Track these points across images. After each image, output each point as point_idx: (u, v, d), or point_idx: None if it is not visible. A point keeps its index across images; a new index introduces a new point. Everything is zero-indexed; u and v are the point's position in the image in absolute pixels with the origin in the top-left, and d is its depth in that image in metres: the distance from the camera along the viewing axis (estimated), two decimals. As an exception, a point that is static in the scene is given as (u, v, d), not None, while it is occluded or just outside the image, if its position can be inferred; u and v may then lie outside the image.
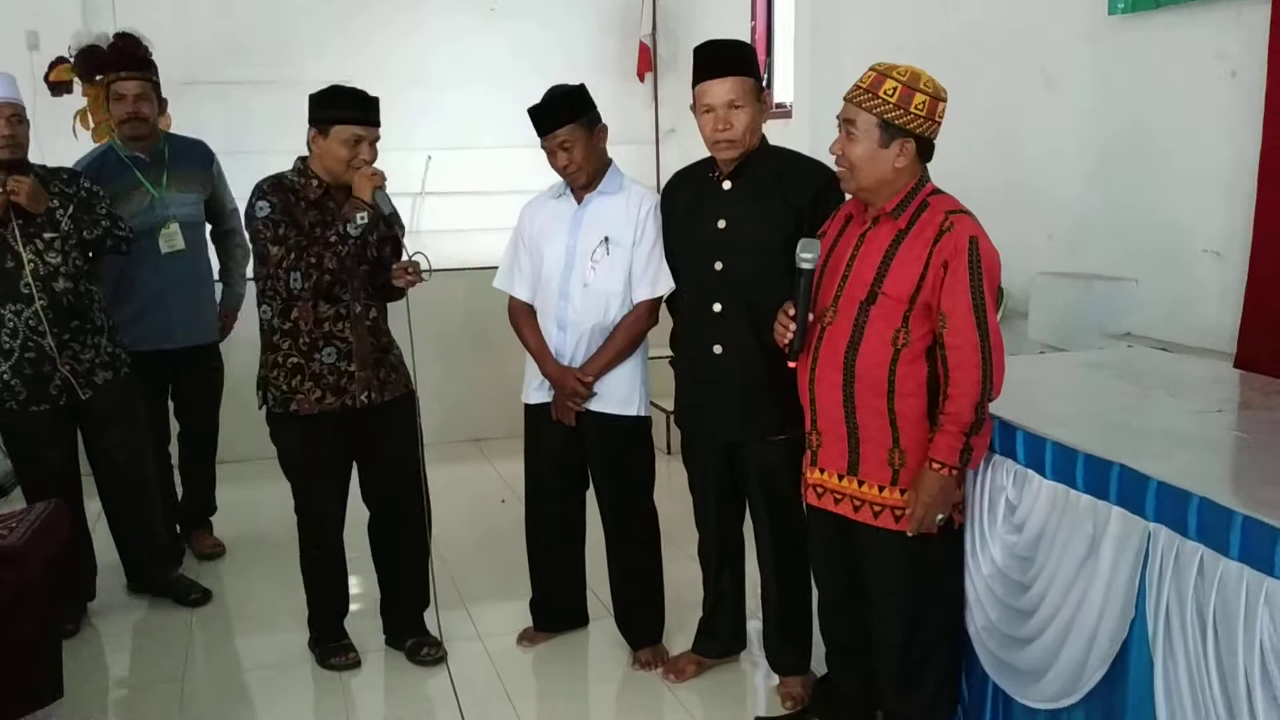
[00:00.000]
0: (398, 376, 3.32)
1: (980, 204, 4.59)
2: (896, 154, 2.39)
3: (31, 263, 3.38)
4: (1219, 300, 3.54)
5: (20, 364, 3.42)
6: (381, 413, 3.27)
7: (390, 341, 3.34)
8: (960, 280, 2.32)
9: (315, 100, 3.11)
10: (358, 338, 3.20)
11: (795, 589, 3.07)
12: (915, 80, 2.38)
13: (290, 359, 3.16)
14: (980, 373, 2.33)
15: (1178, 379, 2.96)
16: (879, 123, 2.39)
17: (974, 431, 2.36)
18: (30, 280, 3.38)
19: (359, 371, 3.20)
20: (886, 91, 2.37)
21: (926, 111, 2.37)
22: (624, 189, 3.19)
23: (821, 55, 5.90)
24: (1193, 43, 3.67)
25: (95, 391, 3.54)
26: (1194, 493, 1.95)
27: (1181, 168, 3.76)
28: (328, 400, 3.18)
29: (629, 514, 3.34)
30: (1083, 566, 2.20)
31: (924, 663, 2.57)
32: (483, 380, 5.42)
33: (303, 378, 3.16)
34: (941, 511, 2.41)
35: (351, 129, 3.08)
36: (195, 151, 4.13)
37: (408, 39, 7.47)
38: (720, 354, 2.93)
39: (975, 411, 2.34)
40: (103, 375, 3.56)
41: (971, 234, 2.35)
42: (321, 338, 3.15)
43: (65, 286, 3.44)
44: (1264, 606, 1.78)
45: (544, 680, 3.41)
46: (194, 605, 3.86)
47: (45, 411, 3.49)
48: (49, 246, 3.42)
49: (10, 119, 3.39)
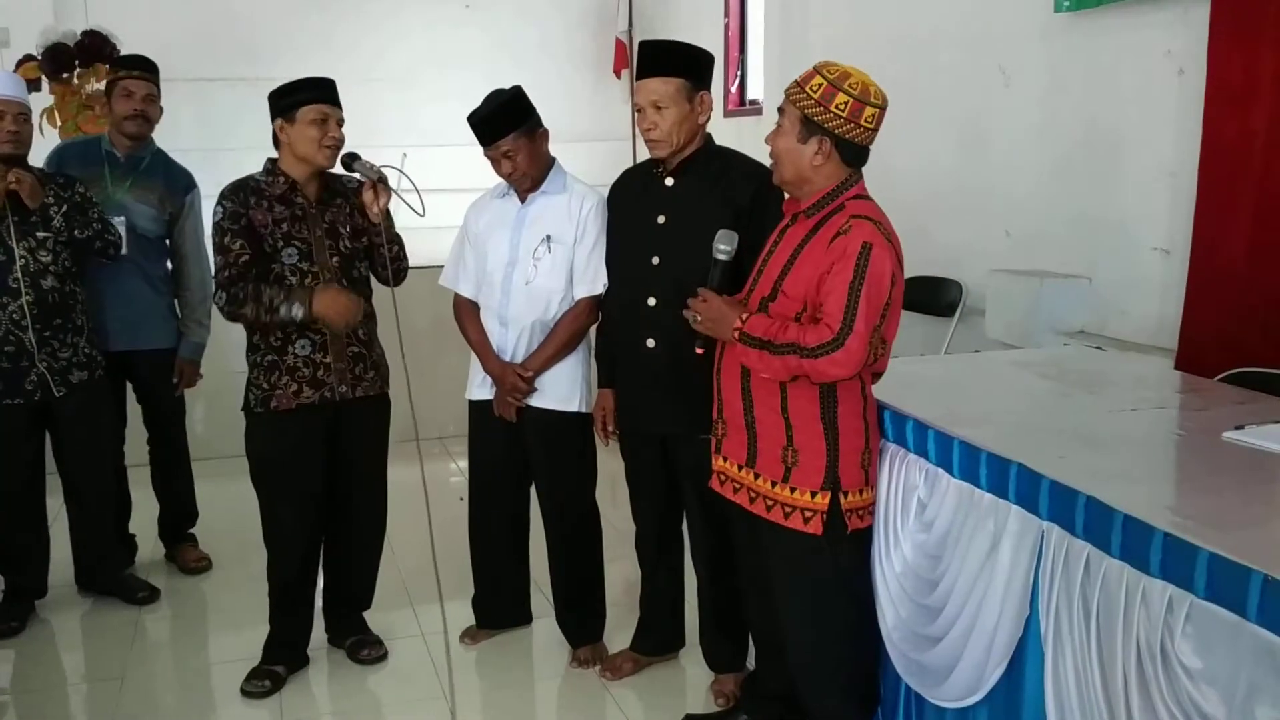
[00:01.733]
0: (376, 375, 3.31)
1: (942, 201, 4.68)
2: (815, 151, 2.38)
3: (23, 258, 3.44)
4: (1167, 298, 3.54)
5: (2, 369, 3.47)
6: (356, 410, 3.26)
7: (372, 339, 3.32)
8: (841, 280, 2.28)
9: (275, 94, 3.13)
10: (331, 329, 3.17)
11: (730, 585, 3.07)
12: (843, 80, 2.36)
13: (267, 356, 3.16)
14: (820, 344, 2.27)
15: (1104, 378, 2.97)
16: (800, 117, 2.39)
17: (764, 348, 2.34)
18: (20, 275, 3.44)
19: (335, 363, 3.18)
20: (812, 88, 2.37)
21: (849, 113, 2.35)
22: (567, 188, 3.22)
23: (790, 53, 5.90)
24: (1141, 41, 3.67)
25: (69, 390, 3.57)
26: (1081, 491, 1.96)
27: (1132, 165, 3.76)
28: (305, 394, 3.15)
29: (569, 511, 3.35)
30: (984, 565, 2.21)
31: (833, 662, 2.57)
32: (450, 376, 5.41)
33: (279, 373, 3.15)
34: (704, 330, 2.49)
35: (315, 107, 3.09)
36: (175, 173, 4.08)
37: (381, 33, 7.49)
38: (653, 348, 2.94)
39: (790, 349, 2.29)
40: (78, 375, 3.60)
41: (866, 239, 2.30)
42: (295, 330, 3.13)
43: (52, 285, 3.49)
44: (1140, 604, 1.79)
45: (484, 678, 3.42)
46: (141, 604, 3.87)
47: (19, 406, 3.53)
48: (41, 245, 3.48)
49: (16, 117, 3.46)
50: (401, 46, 7.52)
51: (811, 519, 2.43)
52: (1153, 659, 1.76)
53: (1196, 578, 1.70)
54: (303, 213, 3.15)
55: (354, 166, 3.11)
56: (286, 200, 3.14)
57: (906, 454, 2.50)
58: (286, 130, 3.12)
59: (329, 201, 3.21)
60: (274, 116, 3.15)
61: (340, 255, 3.18)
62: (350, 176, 3.23)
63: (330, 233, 3.18)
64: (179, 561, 4.23)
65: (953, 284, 4.57)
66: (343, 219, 3.22)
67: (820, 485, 2.43)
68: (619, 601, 3.55)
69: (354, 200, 3.23)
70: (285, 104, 3.11)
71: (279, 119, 3.13)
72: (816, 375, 2.32)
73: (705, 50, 2.98)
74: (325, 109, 3.12)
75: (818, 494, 2.43)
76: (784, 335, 2.32)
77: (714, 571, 3.09)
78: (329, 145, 3.11)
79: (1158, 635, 1.75)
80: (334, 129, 3.13)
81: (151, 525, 4.30)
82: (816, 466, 2.43)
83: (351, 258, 3.22)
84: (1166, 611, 1.74)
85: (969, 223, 4.61)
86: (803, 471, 2.43)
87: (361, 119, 6.72)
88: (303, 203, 3.16)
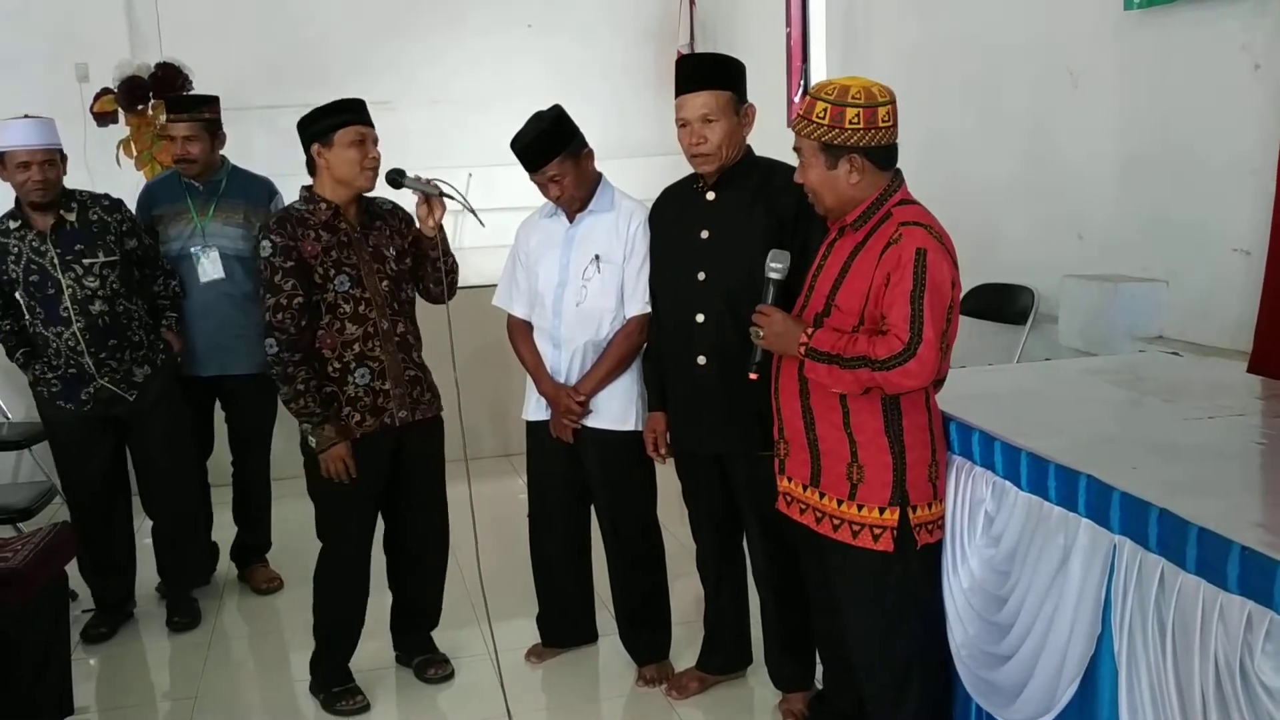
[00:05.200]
0: (432, 397, 3.31)
1: (1012, 206, 4.58)
2: (847, 171, 2.34)
3: (70, 288, 3.56)
4: (1249, 300, 3.41)
5: (65, 377, 3.63)
6: (415, 433, 3.26)
7: (422, 360, 3.31)
8: (902, 290, 2.24)
9: (307, 120, 3.12)
10: (389, 355, 3.16)
11: (793, 604, 3.01)
12: (844, 95, 2.31)
13: (325, 389, 3.11)
14: (891, 355, 2.22)
15: (1180, 384, 2.86)
16: (819, 146, 2.35)
17: (834, 362, 2.29)
18: (69, 304, 3.56)
19: (394, 389, 3.17)
20: (818, 115, 2.34)
21: (864, 123, 2.30)
22: (615, 206, 3.21)
23: (853, 61, 5.85)
24: (1215, 36, 3.55)
25: (138, 390, 3.71)
26: (1154, 504, 1.88)
27: (1209, 164, 3.64)
28: (367, 422, 3.14)
29: (629, 530, 3.33)
30: (1054, 580, 2.13)
31: (903, 682, 2.50)
32: (511, 393, 5.44)
33: (340, 404, 3.12)
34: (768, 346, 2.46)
35: (354, 129, 3.08)
36: (253, 186, 4.19)
37: (447, 58, 7.57)
38: (704, 365, 2.91)
39: (861, 362, 2.25)
40: (141, 372, 3.72)
41: (919, 246, 2.25)
42: (353, 360, 3.12)
43: (101, 309, 3.60)
44: (1218, 621, 1.71)
45: (550, 696, 3.40)
46: (175, 629, 3.92)
47: (91, 419, 3.68)
48: (87, 271, 3.59)
49: (43, 165, 3.53)
50: (466, 68, 7.60)
51: (881, 536, 2.38)
52: (1232, 678, 1.68)
53: (1277, 593, 1.62)
54: (348, 239, 3.13)
55: (403, 183, 3.09)
56: (331, 227, 3.11)
57: (973, 467, 2.43)
58: (324, 155, 3.08)
59: (370, 225, 3.20)
60: (308, 142, 3.11)
61: (389, 279, 3.18)
62: (385, 199, 3.23)
63: (376, 256, 3.17)
64: (251, 582, 4.30)
65: (1024, 290, 4.46)
66: (385, 242, 3.20)
67: (888, 501, 2.37)
68: (686, 619, 3.51)
69: (393, 223, 3.23)
70: (320, 128, 3.08)
71: (315, 144, 3.09)
72: (890, 387, 2.27)
73: (740, 61, 2.96)
74: (362, 130, 3.09)
75: (886, 510, 2.37)
76: (853, 349, 2.28)
77: (777, 591, 3.04)
78: (369, 167, 3.09)
79: (1236, 653, 1.67)
80: (372, 149, 3.11)
81: (228, 545, 4.38)
82: (883, 481, 2.37)
83: (399, 280, 3.22)
84: (1245, 629, 1.66)
85: (1040, 227, 4.50)
86: (869, 487, 2.37)
87: (428, 141, 6.84)
88: (346, 228, 3.14)
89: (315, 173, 3.15)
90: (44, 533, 2.99)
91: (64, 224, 3.59)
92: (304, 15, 7.38)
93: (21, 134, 3.53)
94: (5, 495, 4.28)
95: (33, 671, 2.86)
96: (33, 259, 3.56)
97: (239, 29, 7.20)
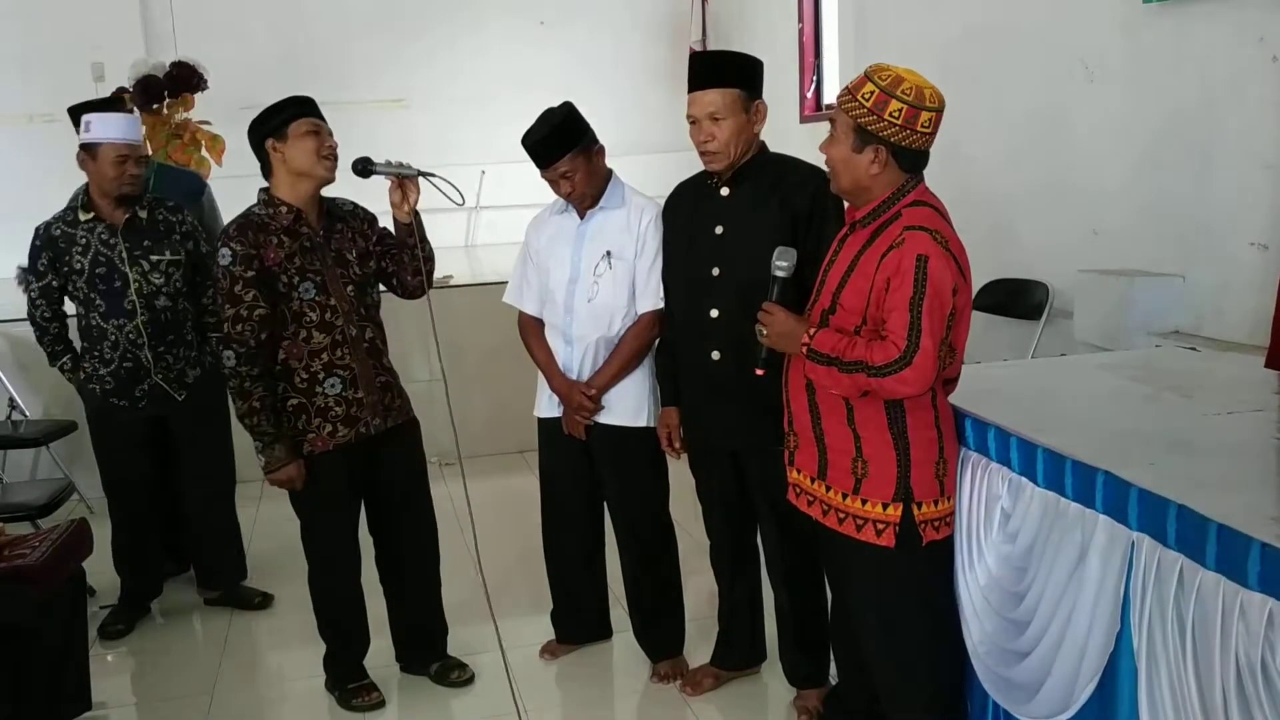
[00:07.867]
0: (403, 402, 3.27)
1: (1026, 201, 4.56)
2: (870, 160, 2.31)
3: (137, 282, 3.64)
4: (1266, 295, 3.38)
5: (119, 373, 3.68)
6: (390, 440, 3.21)
7: (391, 365, 3.26)
8: (901, 296, 2.21)
9: (258, 121, 3.03)
10: (359, 362, 3.10)
11: (807, 599, 3.02)
12: (895, 86, 2.26)
13: (290, 400, 3.06)
14: (887, 363, 2.20)
15: (1198, 380, 2.84)
16: (854, 126, 2.32)
17: (832, 364, 2.28)
18: (134, 298, 3.64)
19: (367, 397, 3.12)
20: (864, 95, 2.29)
21: (903, 120, 2.26)
22: (625, 202, 3.20)
23: (866, 56, 5.79)
24: (1232, 28, 3.54)
25: (188, 391, 3.78)
26: (1172, 500, 1.87)
27: (1226, 158, 3.62)
28: (340, 433, 3.09)
29: (642, 526, 3.33)
30: (1072, 577, 2.12)
31: (915, 676, 2.49)
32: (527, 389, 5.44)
33: (309, 415, 3.06)
34: (771, 344, 2.45)
35: (307, 119, 3.01)
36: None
37: (458, 53, 7.60)
38: (718, 360, 2.90)
39: (859, 367, 2.23)
40: (192, 374, 3.79)
41: (921, 252, 2.21)
42: (321, 369, 3.05)
43: (165, 305, 3.70)
44: (1239, 617, 1.70)
45: (564, 692, 3.41)
46: (259, 608, 4.03)
47: (140, 416, 3.74)
48: (154, 268, 3.68)
49: (138, 160, 3.65)
50: (478, 66, 7.61)
51: (884, 531, 2.37)
52: (1253, 676, 1.67)
53: (1298, 590, 1.61)
54: (311, 243, 3.05)
55: (373, 170, 3.00)
56: (293, 232, 3.03)
57: (989, 463, 2.41)
58: (280, 149, 3.00)
59: (331, 228, 3.13)
60: (259, 141, 3.02)
61: (353, 283, 3.11)
62: (345, 200, 3.20)
63: (339, 260, 3.10)
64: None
65: (1039, 285, 4.44)
66: (347, 245, 3.14)
67: (892, 497, 2.36)
68: (700, 615, 3.50)
69: (354, 224, 3.18)
70: (274, 124, 3.00)
71: (269, 139, 3.00)
72: (886, 393, 2.26)
73: (756, 58, 2.94)
74: (315, 121, 3.03)
75: (889, 506, 2.36)
76: (852, 352, 2.26)
77: (791, 586, 3.04)
78: (327, 155, 3.02)
79: (1258, 651, 1.66)
80: (328, 139, 3.04)
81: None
82: (887, 477, 2.36)
83: (363, 284, 3.16)
84: (1267, 626, 1.64)
85: (1054, 222, 4.48)
86: (873, 483, 2.36)
87: (439, 138, 6.85)
88: (309, 232, 3.06)
89: (271, 173, 3.06)
90: (62, 529, 3.01)
91: (136, 219, 3.67)
92: (317, 14, 7.42)
93: (122, 128, 3.62)
94: (24, 492, 4.33)
95: (51, 667, 2.88)
96: (101, 251, 3.63)
97: (254, 28, 7.24)
